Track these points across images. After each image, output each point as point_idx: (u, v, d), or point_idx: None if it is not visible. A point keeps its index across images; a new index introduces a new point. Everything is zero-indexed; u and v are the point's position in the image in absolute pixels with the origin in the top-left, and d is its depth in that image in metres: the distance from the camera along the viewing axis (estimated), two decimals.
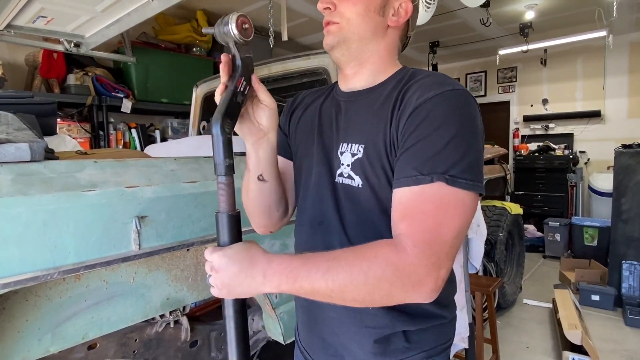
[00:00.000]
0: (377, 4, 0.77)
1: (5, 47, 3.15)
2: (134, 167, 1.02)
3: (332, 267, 0.61)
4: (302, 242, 0.88)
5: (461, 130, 0.65)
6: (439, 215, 0.62)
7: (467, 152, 0.64)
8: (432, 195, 0.63)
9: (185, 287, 1.23)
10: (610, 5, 3.80)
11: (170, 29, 3.91)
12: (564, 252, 4.81)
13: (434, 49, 5.72)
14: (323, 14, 0.79)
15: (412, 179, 0.64)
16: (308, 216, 0.85)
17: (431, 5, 2.44)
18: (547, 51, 5.85)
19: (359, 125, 0.78)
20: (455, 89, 0.68)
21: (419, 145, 0.65)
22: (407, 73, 0.79)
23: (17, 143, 0.84)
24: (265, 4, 3.27)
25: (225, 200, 0.70)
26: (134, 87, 3.57)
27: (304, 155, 0.89)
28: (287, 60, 2.06)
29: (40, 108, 1.51)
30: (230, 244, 0.69)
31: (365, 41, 0.78)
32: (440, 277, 0.61)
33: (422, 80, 0.72)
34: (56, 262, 0.85)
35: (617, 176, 3.55)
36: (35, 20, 2.16)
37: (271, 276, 0.63)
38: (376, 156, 0.73)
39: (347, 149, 0.78)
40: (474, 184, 0.64)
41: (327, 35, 0.80)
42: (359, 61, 0.80)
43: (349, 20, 0.77)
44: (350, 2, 0.77)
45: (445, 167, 0.63)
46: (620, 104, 5.49)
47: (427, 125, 0.66)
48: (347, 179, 0.77)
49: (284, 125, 0.97)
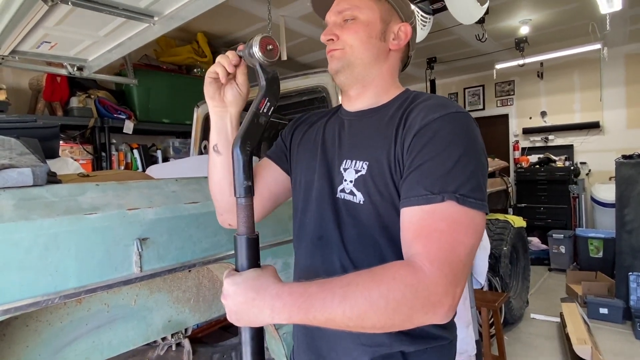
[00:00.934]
0: (377, 30, 0.81)
1: (9, 72, 3.21)
2: (136, 189, 1.02)
3: (348, 293, 0.59)
4: (302, 257, 0.88)
5: (467, 150, 0.67)
6: (453, 233, 0.62)
7: (475, 173, 0.66)
8: (444, 214, 0.63)
9: (187, 308, 1.22)
10: (603, 19, 3.87)
11: (171, 51, 3.98)
12: (570, 265, 4.76)
13: (432, 64, 5.80)
14: (326, 44, 0.83)
15: (422, 197, 0.65)
16: (308, 231, 0.85)
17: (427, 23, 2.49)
18: (544, 64, 5.92)
19: (364, 143, 0.79)
20: (459, 112, 0.71)
21: (427, 164, 0.66)
22: (409, 95, 0.81)
23: (20, 168, 0.85)
24: (265, 24, 3.33)
25: (243, 222, 0.69)
26: (135, 108, 3.61)
27: (306, 169, 0.89)
28: (287, 79, 2.09)
29: (43, 132, 1.52)
30: (247, 268, 0.68)
31: (368, 65, 0.81)
32: (456, 296, 0.61)
33: (426, 102, 0.74)
34: (57, 287, 0.85)
35: (619, 187, 3.54)
36: (40, 46, 2.20)
37: (280, 309, 0.61)
38: (379, 174, 0.73)
39: (350, 165, 0.79)
40: (482, 203, 0.65)
41: (331, 61, 0.83)
42: (362, 84, 0.83)
43: (352, 46, 0.80)
44: (352, 30, 0.80)
45: (455, 187, 0.64)
46: (618, 115, 5.52)
47: (434, 145, 0.67)
48: (348, 194, 0.78)
49: (285, 137, 0.99)
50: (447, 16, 2.47)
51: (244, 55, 0.76)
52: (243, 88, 0.84)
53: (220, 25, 4.00)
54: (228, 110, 0.84)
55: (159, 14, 1.91)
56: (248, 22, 3.94)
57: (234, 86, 0.83)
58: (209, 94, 0.83)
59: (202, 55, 4.09)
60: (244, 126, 0.72)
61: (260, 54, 0.72)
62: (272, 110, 0.76)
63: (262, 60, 0.73)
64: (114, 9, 1.79)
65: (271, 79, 0.75)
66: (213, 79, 0.82)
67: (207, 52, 4.12)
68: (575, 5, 3.97)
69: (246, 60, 0.77)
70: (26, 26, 1.87)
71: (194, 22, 2.12)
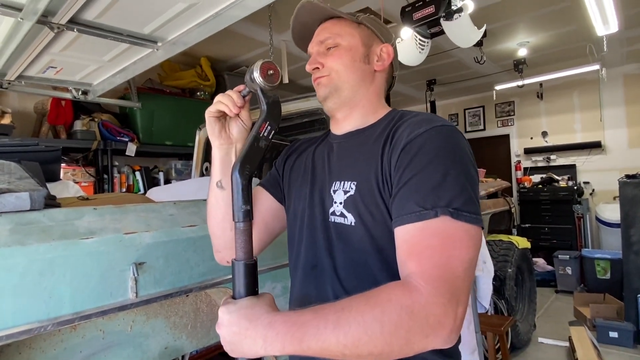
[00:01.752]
0: (360, 54, 0.82)
1: (15, 96, 3.26)
2: (133, 213, 1.02)
3: (341, 318, 0.56)
4: (296, 287, 0.86)
5: (456, 163, 0.66)
6: (447, 250, 0.60)
7: (465, 185, 0.64)
8: (437, 230, 0.61)
9: (184, 334, 1.19)
10: (600, 41, 3.93)
11: (175, 75, 4.05)
12: (577, 287, 4.67)
13: (431, 86, 5.87)
14: (312, 73, 0.85)
15: (415, 214, 0.63)
16: (301, 260, 0.84)
17: (425, 46, 2.53)
18: (543, 85, 5.98)
19: (351, 163, 0.79)
20: (444, 125, 0.70)
21: (416, 179, 0.65)
22: (396, 114, 0.82)
23: (18, 192, 0.85)
24: (267, 49, 3.40)
25: (241, 247, 0.68)
26: (138, 131, 3.65)
27: (297, 198, 0.89)
28: (288, 102, 2.12)
29: (44, 155, 1.53)
30: (244, 295, 0.66)
31: (355, 87, 0.82)
32: (458, 316, 0.57)
33: (412, 119, 0.75)
34: (51, 313, 0.83)
35: (623, 207, 3.51)
36: (45, 71, 2.25)
37: (272, 339, 0.58)
38: (369, 193, 0.72)
39: (339, 186, 0.78)
40: (477, 217, 0.64)
41: (318, 88, 0.84)
42: (349, 106, 0.84)
43: (337, 72, 0.81)
44: (335, 56, 0.82)
45: (447, 200, 0.62)
46: (619, 135, 5.53)
47: (421, 159, 0.66)
48: (339, 217, 0.77)
49: (279, 166, 0.99)
50: (446, 39, 2.51)
51: (246, 80, 0.77)
52: (247, 122, 0.84)
53: (223, 49, 4.09)
54: (234, 146, 0.84)
55: (162, 39, 1.95)
56: (250, 47, 4.02)
57: (239, 121, 0.83)
58: (214, 133, 0.82)
59: (205, 79, 4.16)
60: (245, 150, 0.72)
61: (262, 79, 0.73)
62: (272, 134, 0.76)
63: (263, 85, 0.74)
64: (119, 35, 1.83)
65: (272, 104, 0.76)
66: (216, 118, 0.82)
67: (210, 76, 4.19)
68: (572, 28, 4.04)
69: (247, 85, 0.78)
70: (33, 52, 1.91)
71: (197, 46, 2.16)
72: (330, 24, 0.85)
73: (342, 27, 0.84)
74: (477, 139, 6.69)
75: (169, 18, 1.73)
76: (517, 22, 3.92)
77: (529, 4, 3.50)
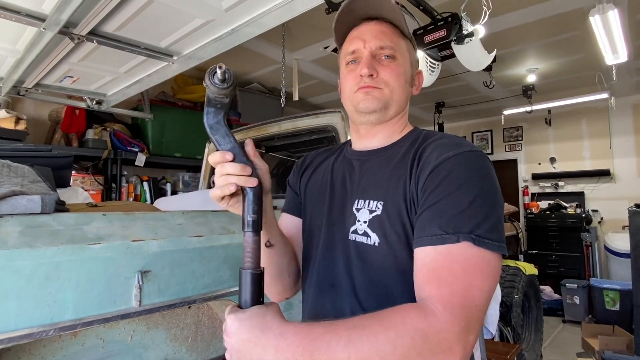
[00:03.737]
0: (409, 76, 0.81)
1: (31, 103, 3.34)
2: (142, 220, 1.02)
3: (354, 336, 0.56)
4: (309, 305, 0.84)
5: (483, 190, 0.65)
6: (468, 277, 0.60)
7: (491, 213, 0.64)
8: (459, 256, 0.61)
9: (185, 347, 1.17)
10: (610, 70, 3.94)
11: (188, 89, 4.12)
12: (585, 317, 4.55)
13: (440, 109, 5.90)
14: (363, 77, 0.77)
15: (437, 237, 0.62)
16: (317, 277, 0.82)
17: (435, 69, 2.56)
18: (551, 112, 5.99)
19: (377, 182, 0.77)
20: (473, 150, 0.70)
21: (441, 203, 0.65)
22: (420, 134, 0.81)
23: (30, 195, 0.86)
24: (279, 67, 3.46)
25: (250, 256, 0.67)
26: (149, 141, 3.70)
27: (314, 214, 0.87)
28: (298, 119, 2.14)
29: (57, 161, 1.55)
30: (250, 305, 0.65)
31: (399, 109, 0.81)
32: (469, 344, 0.57)
33: (439, 141, 0.73)
34: (53, 318, 0.83)
35: (633, 237, 3.44)
36: (63, 80, 2.31)
37: (283, 350, 0.58)
38: (396, 213, 0.71)
39: (364, 205, 0.76)
40: (500, 245, 0.63)
41: (366, 98, 0.78)
42: (384, 125, 0.82)
43: (392, 89, 0.78)
44: (394, 72, 0.78)
45: (470, 227, 0.62)
46: (629, 164, 5.49)
47: (449, 184, 0.65)
48: (361, 236, 0.75)
49: (294, 185, 0.96)
50: (456, 62, 2.54)
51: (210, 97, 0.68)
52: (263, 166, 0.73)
53: (237, 65, 4.17)
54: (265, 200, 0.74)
55: (178, 53, 2.01)
56: (263, 64, 4.10)
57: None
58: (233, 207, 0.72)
59: None
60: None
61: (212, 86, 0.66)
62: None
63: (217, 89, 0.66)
64: (136, 48, 1.88)
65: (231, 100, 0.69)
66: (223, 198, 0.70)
67: None
68: (582, 56, 4.07)
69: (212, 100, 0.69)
70: (52, 61, 1.97)
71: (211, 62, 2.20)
72: (389, 30, 0.79)
73: (399, 39, 0.80)
74: None
75: (186, 33, 1.78)
76: (527, 49, 3.96)
77: (539, 31, 3.54)
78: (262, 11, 1.57)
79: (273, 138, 2.28)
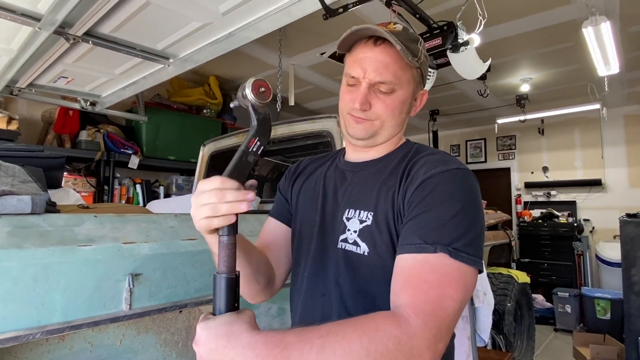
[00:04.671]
0: (408, 103, 0.82)
1: (24, 103, 3.30)
2: (134, 223, 1.01)
3: (327, 344, 0.55)
4: (298, 311, 0.84)
5: (466, 206, 0.67)
6: (442, 286, 0.61)
7: (470, 228, 0.66)
8: (435, 266, 0.63)
9: (175, 353, 1.16)
10: (602, 81, 4.00)
11: (183, 92, 4.11)
12: (577, 326, 4.57)
13: (434, 117, 5.95)
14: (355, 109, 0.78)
15: (416, 246, 0.64)
16: (307, 285, 0.82)
17: (430, 77, 2.58)
18: (544, 121, 6.06)
19: (367, 193, 0.79)
20: (460, 168, 0.72)
21: (424, 215, 0.67)
22: (412, 148, 0.83)
23: (20, 195, 0.84)
24: (275, 72, 3.47)
25: (224, 261, 0.66)
26: (143, 144, 3.67)
27: (305, 222, 0.87)
28: (293, 123, 2.14)
29: (48, 162, 1.53)
30: (224, 311, 0.63)
31: (391, 133, 0.83)
32: (438, 351, 0.58)
33: (428, 157, 0.76)
34: (41, 321, 0.81)
35: (624, 246, 3.47)
36: (57, 80, 2.29)
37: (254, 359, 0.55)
38: (385, 224, 0.73)
39: (354, 215, 0.77)
40: (475, 259, 0.65)
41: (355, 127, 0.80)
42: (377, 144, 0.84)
43: (383, 121, 0.80)
44: (388, 106, 0.78)
45: (449, 240, 0.64)
46: (620, 174, 5.55)
47: (433, 198, 0.68)
48: (351, 245, 0.76)
49: (285, 191, 0.96)
50: (451, 71, 2.56)
51: (238, 96, 0.76)
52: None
53: (233, 70, 4.17)
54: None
55: (174, 56, 2.00)
56: (259, 69, 4.10)
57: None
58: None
59: (213, 98, 4.23)
60: (232, 164, 0.71)
61: (253, 95, 0.73)
62: (261, 149, 0.75)
63: (255, 102, 0.73)
64: (132, 50, 1.88)
65: (262, 120, 0.75)
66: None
67: (217, 95, 4.26)
68: (574, 67, 4.13)
69: (239, 101, 0.76)
70: (46, 62, 1.95)
71: (207, 65, 2.20)
72: (393, 62, 0.77)
73: (404, 71, 0.79)
74: (478, 170, 6.72)
75: (182, 36, 1.78)
76: (521, 59, 4.01)
77: (533, 42, 3.59)
78: (259, 15, 1.57)
79: (268, 142, 2.28)
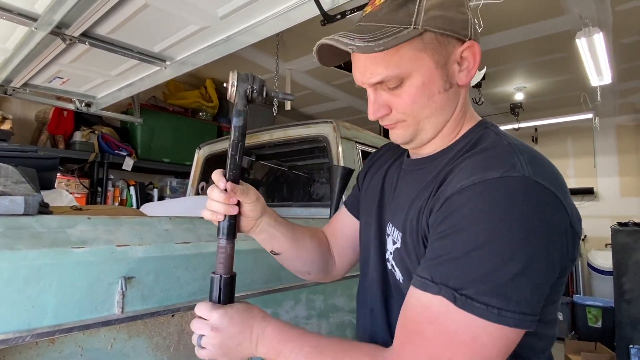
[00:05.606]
0: (438, 81, 0.62)
1: (18, 103, 3.27)
2: (128, 225, 1.00)
3: (313, 354, 0.59)
4: (359, 322, 0.82)
5: (495, 237, 0.49)
6: (437, 346, 0.50)
7: (499, 269, 0.48)
8: (436, 315, 0.50)
9: (166, 357, 1.14)
10: (594, 91, 4.06)
11: (179, 94, 4.10)
12: (568, 334, 4.59)
13: None
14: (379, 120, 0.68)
15: (421, 281, 0.53)
16: (365, 297, 0.80)
17: None
18: (538, 130, 6.12)
19: (402, 206, 0.69)
20: (503, 177, 0.52)
21: (438, 243, 0.54)
22: (473, 138, 0.65)
23: (13, 196, 0.84)
24: (272, 76, 3.47)
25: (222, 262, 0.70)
26: (137, 146, 3.66)
27: (366, 225, 0.83)
28: (289, 128, 2.14)
29: (42, 162, 1.52)
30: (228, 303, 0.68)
31: (439, 122, 0.66)
32: None
33: (474, 157, 0.59)
34: (31, 324, 0.80)
35: (615, 255, 3.51)
36: (52, 81, 2.28)
37: (261, 343, 0.64)
38: (413, 249, 0.62)
39: (391, 232, 0.71)
40: (501, 312, 0.47)
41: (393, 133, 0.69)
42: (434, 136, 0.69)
43: (415, 115, 0.64)
44: (406, 100, 0.63)
45: (460, 282, 0.49)
46: (612, 183, 5.62)
47: (452, 222, 0.53)
48: (392, 267, 0.71)
49: (360, 180, 0.92)
50: None
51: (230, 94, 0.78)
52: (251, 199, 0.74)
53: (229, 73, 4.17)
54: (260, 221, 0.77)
55: (171, 58, 2.00)
56: (256, 73, 4.07)
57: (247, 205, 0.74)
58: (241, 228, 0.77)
59: (209, 101, 4.22)
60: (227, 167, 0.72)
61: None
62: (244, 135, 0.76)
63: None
64: (129, 52, 1.87)
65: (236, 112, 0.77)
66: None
67: (214, 98, 4.25)
68: (568, 77, 4.19)
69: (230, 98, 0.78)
70: (41, 62, 1.94)
71: (203, 68, 2.20)
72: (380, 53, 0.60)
73: (399, 53, 0.60)
74: None
75: (180, 38, 1.78)
76: (515, 68, 4.06)
77: (527, 52, 3.63)
78: (257, 20, 1.58)
79: (264, 146, 2.28)
